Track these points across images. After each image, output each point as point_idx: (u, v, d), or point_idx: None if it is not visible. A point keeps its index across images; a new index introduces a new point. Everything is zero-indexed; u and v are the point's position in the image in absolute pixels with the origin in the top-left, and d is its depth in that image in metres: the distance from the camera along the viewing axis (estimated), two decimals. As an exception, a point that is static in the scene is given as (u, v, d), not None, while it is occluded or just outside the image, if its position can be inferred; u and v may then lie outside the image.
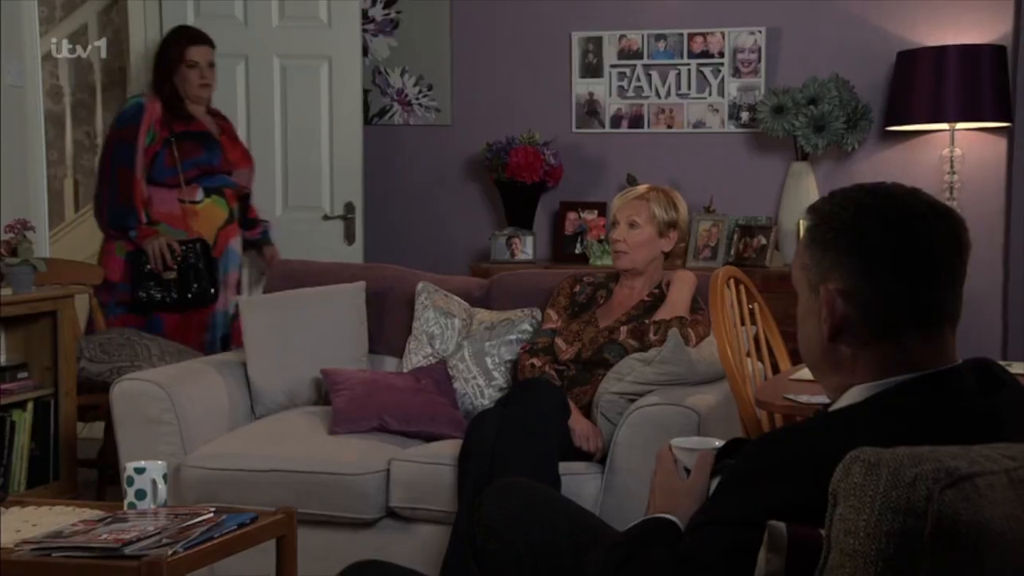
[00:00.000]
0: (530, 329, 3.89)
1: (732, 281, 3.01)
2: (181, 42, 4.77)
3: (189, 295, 4.64)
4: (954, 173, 4.67)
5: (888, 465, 1.28)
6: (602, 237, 5.08)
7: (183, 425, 3.65)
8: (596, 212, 5.23)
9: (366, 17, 5.53)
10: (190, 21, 5.36)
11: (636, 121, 5.28)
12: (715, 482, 1.80)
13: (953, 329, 1.63)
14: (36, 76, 4.83)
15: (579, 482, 3.34)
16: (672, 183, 5.13)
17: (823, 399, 2.51)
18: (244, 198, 4.94)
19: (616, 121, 5.30)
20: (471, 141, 5.49)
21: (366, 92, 5.53)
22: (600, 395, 3.51)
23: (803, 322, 1.71)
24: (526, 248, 5.18)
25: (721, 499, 1.64)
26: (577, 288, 3.86)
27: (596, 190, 5.33)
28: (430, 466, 3.47)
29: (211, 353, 4.53)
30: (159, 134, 4.65)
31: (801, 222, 4.83)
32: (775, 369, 3.20)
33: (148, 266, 4.60)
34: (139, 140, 4.63)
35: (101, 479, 4.74)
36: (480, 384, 3.87)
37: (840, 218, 1.64)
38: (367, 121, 5.53)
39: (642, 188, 3.81)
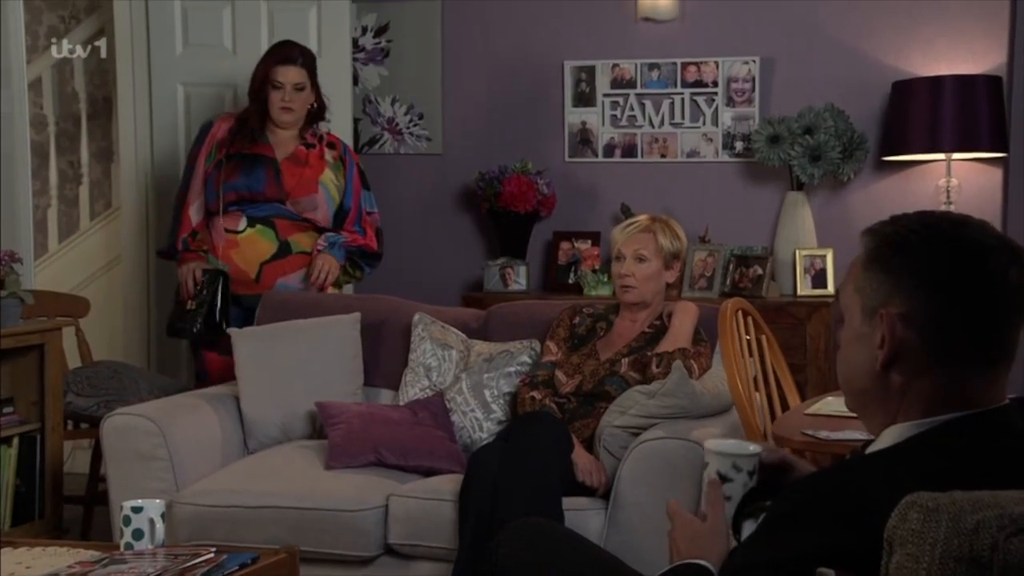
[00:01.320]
0: (529, 361, 3.83)
1: (740, 313, 2.96)
2: (270, 60, 4.44)
3: (224, 327, 4.26)
4: (950, 203, 4.64)
5: (947, 511, 1.23)
6: (596, 267, 5.03)
7: (175, 460, 3.57)
8: (590, 242, 5.18)
9: (356, 46, 5.48)
10: (178, 51, 5.32)
11: (629, 150, 5.24)
12: (748, 523, 1.74)
13: (1007, 368, 1.58)
14: (23, 104, 4.76)
15: (583, 518, 3.28)
16: (666, 213, 5.10)
17: (844, 435, 2.46)
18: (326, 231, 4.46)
19: (609, 150, 5.27)
20: (462, 170, 5.44)
21: (356, 121, 5.48)
22: (602, 428, 3.45)
23: (850, 348, 1.65)
24: (519, 278, 5.13)
25: (760, 542, 1.58)
26: (576, 320, 3.80)
27: (589, 220, 5.28)
28: (430, 502, 3.40)
29: None
30: (216, 156, 4.40)
31: (794, 248, 4.79)
32: (783, 401, 3.15)
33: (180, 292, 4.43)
34: (198, 162, 4.43)
35: (87, 516, 4.64)
36: (478, 417, 3.80)
37: (909, 242, 1.59)
38: (357, 150, 5.48)
39: (644, 219, 3.75)
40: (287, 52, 4.44)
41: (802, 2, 4.99)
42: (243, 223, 4.35)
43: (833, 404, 2.90)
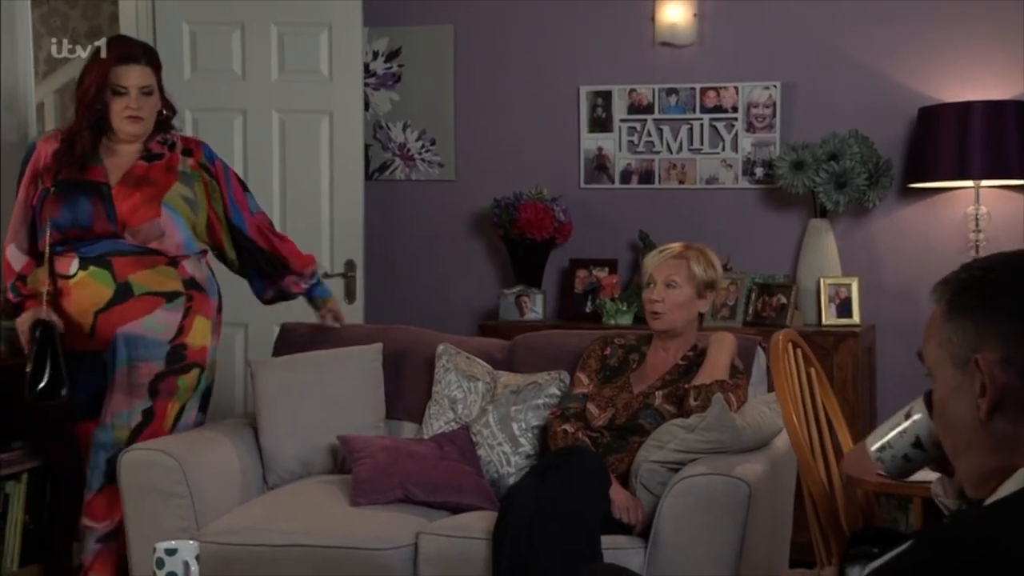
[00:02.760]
0: (558, 393, 3.72)
1: (790, 345, 2.86)
2: (106, 61, 3.55)
3: (37, 389, 3.48)
4: (979, 231, 4.56)
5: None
6: (616, 295, 4.93)
7: (196, 496, 3.45)
8: (607, 270, 5.08)
9: (367, 70, 5.38)
10: (186, 76, 5.21)
11: (647, 177, 5.15)
12: (854, 570, 1.64)
13: None
14: (32, 131, 4.64)
15: (621, 557, 3.17)
16: (684, 239, 5.01)
17: (921, 476, 2.35)
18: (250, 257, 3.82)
19: (626, 176, 5.18)
20: (475, 197, 5.34)
21: (367, 147, 5.38)
22: (639, 464, 3.34)
23: (947, 404, 1.55)
24: (536, 307, 5.02)
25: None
26: (608, 351, 3.70)
27: (606, 247, 5.18)
28: (461, 540, 3.28)
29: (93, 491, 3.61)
30: (41, 184, 3.59)
31: (817, 277, 4.70)
32: (833, 438, 3.04)
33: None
34: (20, 192, 3.63)
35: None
36: (506, 451, 3.69)
37: (989, 281, 1.51)
38: (368, 176, 5.38)
39: (678, 246, 3.67)
40: (127, 49, 3.62)
41: (824, 27, 4.92)
42: (74, 266, 3.56)
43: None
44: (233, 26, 5.22)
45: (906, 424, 1.80)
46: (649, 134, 5.13)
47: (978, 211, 4.56)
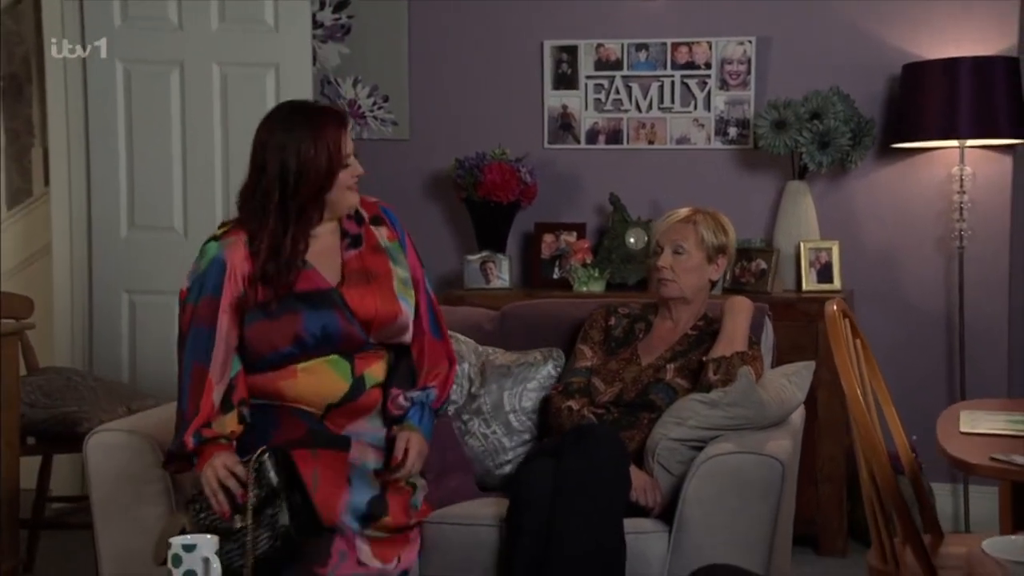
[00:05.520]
0: (554, 373, 3.47)
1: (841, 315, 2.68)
2: (329, 126, 2.89)
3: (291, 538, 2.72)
4: (964, 192, 4.43)
5: None
6: (588, 261, 4.70)
7: (174, 482, 3.15)
8: (575, 234, 4.85)
9: (314, 21, 5.06)
10: (116, 24, 4.91)
11: (614, 136, 4.93)
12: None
13: None
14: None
15: (644, 542, 2.99)
16: (653, 203, 4.82)
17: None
18: (401, 354, 3.04)
19: (592, 136, 4.95)
20: (431, 157, 5.08)
21: (315, 103, 5.07)
22: (656, 441, 3.13)
23: None
24: (502, 273, 4.78)
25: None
26: (612, 321, 3.47)
27: (571, 210, 4.95)
28: (467, 528, 3.06)
29: None
30: (252, 299, 2.86)
31: (796, 241, 4.54)
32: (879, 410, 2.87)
33: (203, 514, 2.77)
34: (219, 322, 2.82)
35: (32, 542, 4.16)
36: (501, 440, 3.43)
37: None
38: (315, 135, 5.06)
39: (685, 211, 3.47)
40: (340, 111, 3.05)
41: (800, -21, 4.74)
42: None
43: (983, 419, 2.62)
44: (165, -33, 4.88)
45: None
46: (617, 91, 4.90)
47: (963, 172, 4.44)
